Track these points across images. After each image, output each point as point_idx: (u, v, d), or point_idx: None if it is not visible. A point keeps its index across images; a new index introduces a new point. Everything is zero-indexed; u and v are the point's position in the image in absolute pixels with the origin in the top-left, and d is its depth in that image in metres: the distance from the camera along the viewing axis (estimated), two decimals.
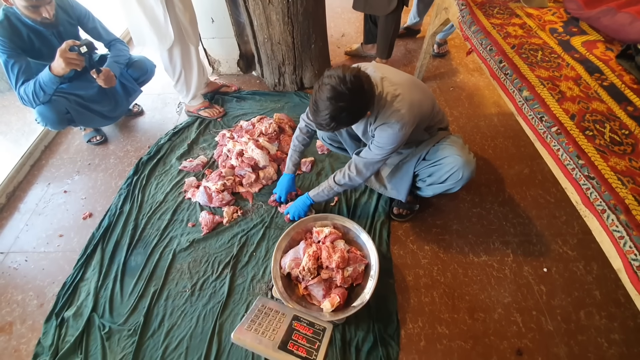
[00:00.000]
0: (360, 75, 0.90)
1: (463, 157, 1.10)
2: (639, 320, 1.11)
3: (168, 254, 1.34)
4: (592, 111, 0.93)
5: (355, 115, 0.94)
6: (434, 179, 1.18)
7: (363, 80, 0.90)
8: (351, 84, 0.87)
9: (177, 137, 1.82)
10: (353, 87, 0.87)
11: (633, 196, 0.74)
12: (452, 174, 1.12)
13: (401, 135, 1.01)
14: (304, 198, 1.31)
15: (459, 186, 1.15)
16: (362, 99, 0.91)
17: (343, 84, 0.87)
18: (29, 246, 1.41)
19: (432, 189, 1.23)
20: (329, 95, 0.88)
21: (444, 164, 1.13)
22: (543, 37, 1.20)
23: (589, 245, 1.30)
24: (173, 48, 1.60)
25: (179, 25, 1.56)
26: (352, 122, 0.97)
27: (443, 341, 1.11)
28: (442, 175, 1.15)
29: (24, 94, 1.38)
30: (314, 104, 0.92)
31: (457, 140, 1.17)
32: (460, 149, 1.12)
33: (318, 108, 0.91)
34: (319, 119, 0.93)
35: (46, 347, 1.11)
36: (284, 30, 1.74)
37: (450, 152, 1.12)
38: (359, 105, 0.92)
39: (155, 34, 1.52)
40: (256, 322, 0.96)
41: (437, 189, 1.21)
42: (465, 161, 1.10)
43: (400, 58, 2.31)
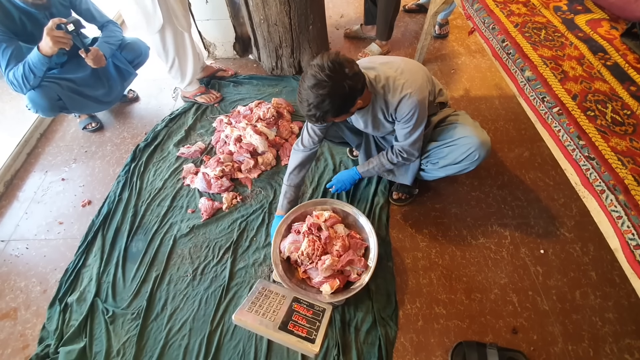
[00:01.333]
0: (340, 59, 0.86)
1: (480, 138, 1.07)
2: (633, 299, 1.13)
3: (169, 239, 1.35)
4: (594, 91, 0.91)
5: (340, 102, 0.89)
6: (449, 160, 1.14)
7: (344, 64, 0.86)
8: (330, 70, 0.84)
9: (173, 124, 1.80)
10: (332, 73, 0.84)
11: (633, 176, 0.73)
12: (469, 155, 1.09)
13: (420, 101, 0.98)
14: (352, 173, 1.27)
15: (474, 166, 1.13)
16: (343, 84, 0.86)
17: (322, 71, 0.84)
18: (29, 234, 1.42)
19: (444, 171, 1.19)
20: (309, 84, 0.85)
21: (459, 144, 1.10)
22: (547, 15, 1.17)
23: (586, 227, 1.31)
24: (165, 32, 1.56)
25: (169, 8, 1.51)
26: (338, 110, 0.91)
27: (440, 321, 1.13)
28: (458, 157, 1.12)
29: (13, 78, 1.35)
30: (298, 95, 0.90)
31: (467, 119, 1.15)
32: (475, 129, 1.10)
33: (302, 99, 0.89)
34: (304, 110, 0.90)
35: (51, 332, 1.13)
36: (280, 10, 1.69)
37: (465, 132, 1.09)
38: (341, 91, 0.87)
39: (143, 16, 1.48)
40: (257, 304, 0.97)
41: (450, 170, 1.18)
42: (482, 141, 1.07)
43: (401, 39, 2.26)
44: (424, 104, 1.00)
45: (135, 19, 1.51)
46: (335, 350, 1.06)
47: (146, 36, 1.60)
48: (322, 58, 0.86)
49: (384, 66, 1.01)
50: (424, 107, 1.01)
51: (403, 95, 0.98)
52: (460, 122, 1.13)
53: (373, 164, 1.22)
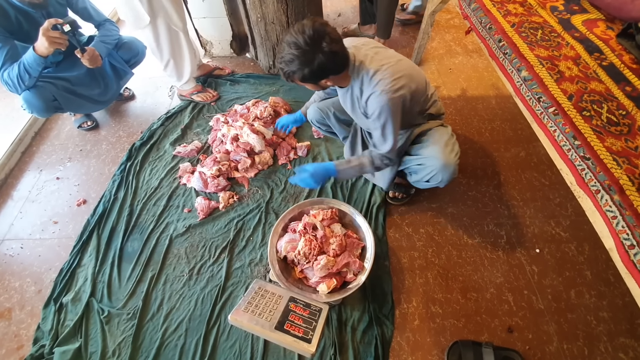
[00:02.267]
0: (325, 32, 0.85)
1: (442, 160, 1.07)
2: (627, 298, 1.14)
3: (165, 239, 1.34)
4: (590, 91, 0.91)
5: (308, 71, 0.88)
6: (418, 177, 1.17)
7: (325, 38, 0.85)
8: (308, 37, 0.84)
9: (170, 122, 1.79)
10: (309, 40, 0.84)
11: (627, 176, 0.74)
12: (433, 176, 1.12)
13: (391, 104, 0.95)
14: (330, 168, 1.13)
15: (442, 185, 1.15)
16: (314, 56, 0.86)
17: (301, 34, 0.85)
18: (24, 233, 1.41)
19: (418, 184, 1.22)
20: (288, 39, 0.87)
21: (425, 165, 1.12)
22: (543, 15, 1.17)
23: (581, 227, 1.32)
24: (158, 29, 1.55)
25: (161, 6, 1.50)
26: (304, 78, 0.91)
27: (436, 320, 1.13)
28: (424, 176, 1.14)
29: (8, 78, 1.33)
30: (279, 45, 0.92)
31: (442, 137, 1.12)
32: (441, 149, 1.09)
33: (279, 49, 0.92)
34: (278, 61, 0.92)
35: (46, 332, 1.13)
36: (277, 8, 1.68)
37: (432, 153, 1.10)
38: (310, 61, 0.87)
39: (130, 10, 1.47)
40: (253, 304, 0.97)
41: (422, 185, 1.21)
42: (444, 164, 1.07)
43: (398, 39, 2.26)
44: (395, 107, 0.97)
45: (123, 13, 1.49)
46: (332, 349, 1.06)
47: (138, 32, 1.58)
48: (310, 22, 0.86)
49: (375, 55, 0.99)
50: (395, 111, 0.97)
51: (373, 91, 0.97)
52: (432, 140, 1.13)
53: (353, 164, 1.12)
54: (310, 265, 1.11)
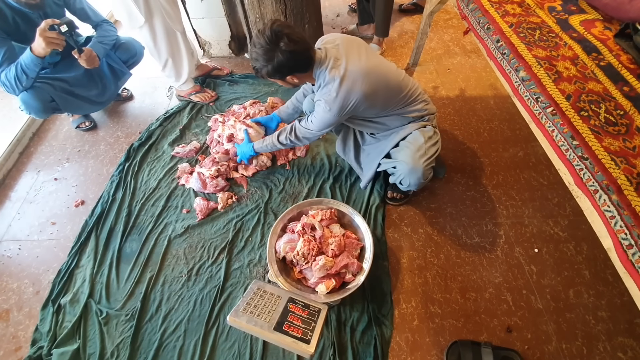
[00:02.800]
0: (283, 33, 0.93)
1: (410, 164, 1.11)
2: (625, 297, 1.14)
3: (163, 240, 1.34)
4: (588, 91, 0.92)
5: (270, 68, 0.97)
6: (394, 180, 1.22)
7: (283, 38, 0.93)
8: (267, 37, 0.93)
9: (168, 123, 1.78)
10: (268, 40, 0.93)
11: (625, 176, 0.74)
12: (402, 179, 1.16)
13: (329, 117, 1.07)
14: (249, 148, 1.37)
15: (414, 189, 1.21)
16: (274, 55, 0.94)
17: (262, 34, 0.94)
18: (22, 234, 1.40)
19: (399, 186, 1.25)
20: (254, 39, 0.97)
21: (397, 168, 1.17)
22: (541, 15, 1.17)
23: (579, 227, 1.32)
24: (155, 29, 1.54)
25: (159, 6, 1.50)
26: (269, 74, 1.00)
27: (435, 320, 1.13)
28: (397, 179, 1.19)
29: (6, 79, 1.33)
30: None
31: (417, 141, 1.13)
32: (411, 154, 1.11)
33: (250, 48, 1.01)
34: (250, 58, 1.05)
35: (44, 333, 1.12)
36: (276, 9, 1.68)
37: (401, 157, 1.15)
38: (271, 57, 0.95)
39: (124, 10, 1.46)
40: (252, 305, 0.97)
41: (402, 187, 1.24)
42: (412, 169, 1.11)
43: (397, 39, 2.26)
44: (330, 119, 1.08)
45: (118, 13, 1.49)
46: (331, 350, 1.06)
47: (136, 33, 1.58)
48: (270, 23, 0.93)
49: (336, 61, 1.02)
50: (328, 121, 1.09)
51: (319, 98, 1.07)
52: (406, 144, 1.15)
53: (267, 142, 1.31)
54: (309, 265, 1.11)
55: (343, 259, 1.10)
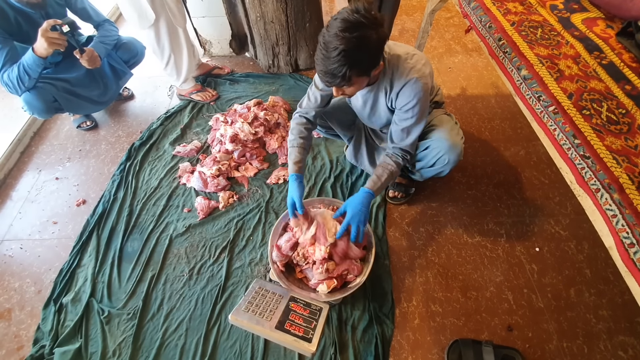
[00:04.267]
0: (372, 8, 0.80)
1: (449, 141, 1.07)
2: (626, 296, 1.14)
3: (165, 239, 1.34)
4: (590, 90, 0.91)
5: (372, 52, 0.81)
6: (423, 163, 1.16)
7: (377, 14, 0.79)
8: (366, 11, 0.76)
9: (169, 122, 1.78)
10: (368, 15, 0.76)
11: (627, 175, 0.74)
12: (439, 158, 1.11)
13: (425, 90, 0.94)
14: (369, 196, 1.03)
15: (448, 169, 1.14)
16: (376, 31, 0.78)
17: (356, 13, 0.76)
18: (23, 234, 1.41)
19: (422, 173, 1.22)
20: (340, 27, 0.76)
21: (432, 147, 1.11)
22: (543, 14, 1.17)
23: (580, 225, 1.32)
24: (160, 28, 1.54)
25: (164, 3, 1.50)
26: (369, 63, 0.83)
27: (436, 319, 1.14)
28: (430, 160, 1.13)
29: (8, 79, 1.33)
30: (322, 48, 0.79)
31: (449, 121, 1.14)
32: (448, 131, 1.09)
33: (327, 48, 0.77)
34: (329, 64, 0.79)
35: (46, 332, 1.12)
36: (277, 7, 1.68)
37: (437, 135, 1.09)
38: (374, 38, 0.78)
39: (135, 11, 1.47)
40: (253, 304, 0.97)
41: (426, 173, 1.20)
42: (452, 144, 1.07)
43: (398, 37, 2.26)
44: (427, 95, 0.96)
45: (128, 13, 1.50)
46: (332, 349, 1.06)
47: (140, 31, 1.58)
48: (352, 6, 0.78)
49: (394, 44, 0.98)
50: (427, 99, 0.96)
51: (409, 78, 0.93)
52: (438, 125, 1.12)
53: (384, 179, 1.04)
54: (310, 266, 1.11)
55: (344, 264, 1.10)
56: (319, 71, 0.84)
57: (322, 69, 0.82)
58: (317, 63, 0.83)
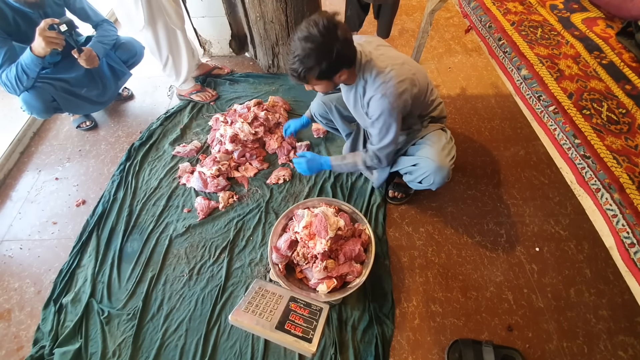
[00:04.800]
0: (336, 22, 0.86)
1: (437, 162, 1.08)
2: (626, 296, 1.14)
3: (164, 239, 1.34)
4: (590, 90, 0.91)
5: (326, 64, 0.88)
6: (412, 178, 1.18)
7: (339, 27, 0.86)
8: (323, 27, 0.84)
9: (169, 122, 1.78)
10: (325, 31, 0.84)
11: (628, 175, 0.74)
12: (425, 178, 1.12)
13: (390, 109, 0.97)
14: (325, 162, 1.22)
15: (434, 188, 1.16)
16: (332, 44, 0.86)
17: (314, 26, 0.84)
18: (23, 234, 1.40)
19: (412, 185, 1.23)
20: (300, 35, 0.86)
21: (419, 165, 1.13)
22: (543, 13, 1.17)
23: (580, 225, 1.32)
24: (157, 29, 1.54)
25: (160, 6, 1.49)
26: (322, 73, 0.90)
27: (436, 319, 1.14)
28: (417, 177, 1.15)
29: (6, 79, 1.33)
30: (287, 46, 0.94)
31: (440, 140, 1.13)
32: (437, 152, 1.09)
33: (289, 49, 0.89)
34: (289, 63, 0.90)
35: (46, 333, 1.12)
36: (276, 7, 1.68)
37: (426, 154, 1.11)
38: (328, 52, 0.86)
39: (125, 14, 1.47)
40: (253, 304, 0.97)
41: (414, 186, 1.22)
42: (438, 167, 1.08)
43: (398, 38, 2.25)
44: (394, 112, 0.98)
45: (120, 15, 1.50)
46: (332, 349, 1.06)
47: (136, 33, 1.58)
48: (319, 15, 0.86)
49: (380, 55, 1.00)
50: (394, 115, 0.98)
51: (375, 93, 0.98)
52: (429, 142, 1.13)
53: (347, 161, 1.19)
54: (310, 266, 1.11)
55: (345, 267, 1.10)
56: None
57: (286, 66, 0.94)
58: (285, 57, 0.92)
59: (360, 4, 1.92)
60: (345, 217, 1.19)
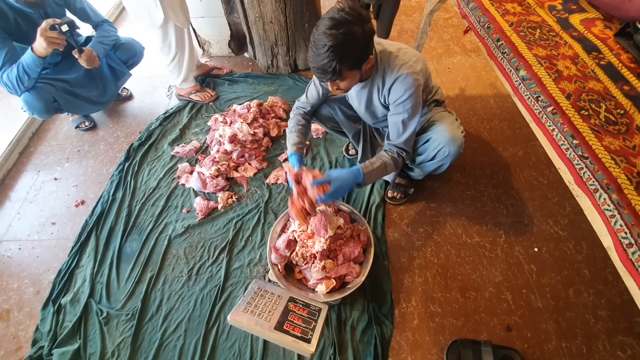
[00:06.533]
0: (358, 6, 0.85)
1: (450, 133, 1.08)
2: (625, 296, 1.14)
3: (163, 239, 1.34)
4: (588, 90, 0.92)
5: (360, 47, 0.85)
6: (423, 157, 1.16)
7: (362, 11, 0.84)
8: (351, 9, 0.82)
9: (168, 122, 1.78)
10: (353, 12, 0.82)
11: (625, 175, 0.74)
12: (439, 150, 1.11)
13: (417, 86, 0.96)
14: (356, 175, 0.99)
15: (448, 162, 1.13)
16: (363, 24, 0.83)
17: (341, 11, 0.82)
18: (22, 234, 1.40)
19: (422, 168, 1.21)
20: (327, 25, 0.81)
21: (432, 139, 1.12)
22: (541, 14, 1.17)
23: (579, 226, 1.32)
24: (168, 27, 1.55)
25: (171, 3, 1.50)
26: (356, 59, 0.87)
27: (435, 319, 1.14)
28: (430, 153, 1.13)
29: (7, 79, 1.33)
30: (313, 45, 0.85)
31: (448, 116, 1.15)
32: (448, 125, 1.10)
33: (317, 45, 0.83)
34: (319, 60, 0.84)
35: (44, 333, 1.12)
36: (275, 8, 1.68)
37: (438, 128, 1.10)
38: (360, 35, 0.83)
39: (146, 10, 1.47)
40: (252, 304, 0.97)
41: (426, 167, 1.19)
42: (452, 137, 1.08)
43: (396, 38, 2.26)
44: (419, 90, 0.98)
45: (137, 13, 1.50)
46: (332, 349, 1.06)
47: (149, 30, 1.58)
48: (338, 5, 0.84)
49: (386, 42, 1.02)
50: (419, 94, 0.98)
51: (400, 74, 0.96)
52: (438, 119, 1.13)
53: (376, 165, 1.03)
54: (309, 266, 1.11)
55: (343, 268, 1.10)
56: (312, 68, 0.89)
57: (314, 65, 0.87)
58: (310, 60, 0.88)
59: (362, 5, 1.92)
60: (344, 216, 1.20)
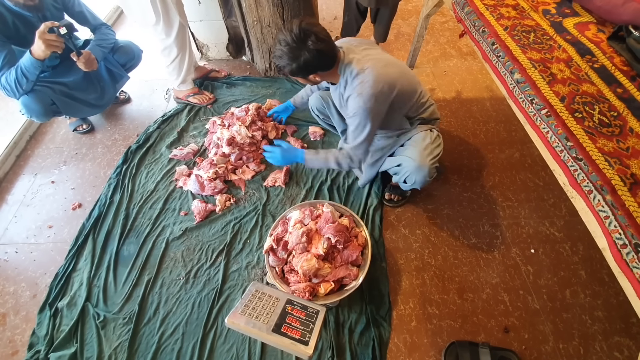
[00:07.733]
0: (311, 31, 0.92)
1: (417, 162, 1.11)
2: (621, 297, 1.15)
3: (161, 242, 1.33)
4: (582, 93, 0.93)
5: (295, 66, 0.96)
6: (398, 178, 1.22)
7: (311, 36, 0.91)
8: (295, 36, 0.91)
9: (166, 125, 1.78)
10: (296, 39, 0.91)
11: (619, 177, 0.75)
12: (407, 177, 1.16)
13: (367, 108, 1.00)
14: (299, 155, 1.22)
15: (418, 187, 1.19)
16: (300, 54, 0.93)
17: (288, 31, 0.92)
18: (19, 237, 1.40)
19: (402, 186, 1.26)
20: (279, 36, 0.95)
21: (402, 165, 1.16)
22: (536, 18, 1.19)
23: (575, 227, 1.33)
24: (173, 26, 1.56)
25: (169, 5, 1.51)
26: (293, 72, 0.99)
27: (433, 321, 1.14)
28: (401, 177, 1.18)
29: (6, 83, 1.33)
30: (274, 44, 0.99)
31: (424, 140, 1.15)
32: (419, 152, 1.12)
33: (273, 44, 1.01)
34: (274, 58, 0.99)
35: (41, 337, 1.11)
36: (273, 12, 1.69)
37: (408, 154, 1.14)
38: (297, 55, 0.93)
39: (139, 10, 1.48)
40: (250, 307, 0.97)
41: (403, 187, 1.25)
42: (418, 166, 1.11)
43: (393, 42, 2.28)
44: (370, 111, 1.01)
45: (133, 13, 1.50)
46: (330, 352, 1.06)
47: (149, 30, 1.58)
48: (298, 21, 0.92)
49: (362, 57, 1.03)
50: (369, 115, 1.01)
51: (352, 92, 1.02)
52: (413, 143, 1.16)
53: (320, 156, 1.18)
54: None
55: (341, 270, 1.10)
56: None
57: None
58: None
59: (359, 9, 1.93)
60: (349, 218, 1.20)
